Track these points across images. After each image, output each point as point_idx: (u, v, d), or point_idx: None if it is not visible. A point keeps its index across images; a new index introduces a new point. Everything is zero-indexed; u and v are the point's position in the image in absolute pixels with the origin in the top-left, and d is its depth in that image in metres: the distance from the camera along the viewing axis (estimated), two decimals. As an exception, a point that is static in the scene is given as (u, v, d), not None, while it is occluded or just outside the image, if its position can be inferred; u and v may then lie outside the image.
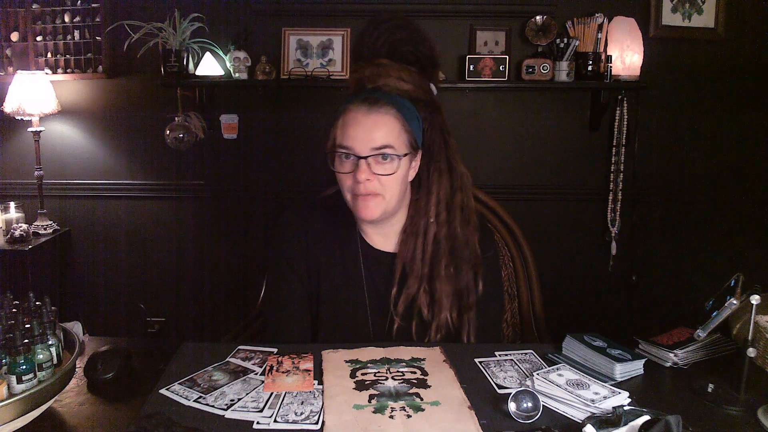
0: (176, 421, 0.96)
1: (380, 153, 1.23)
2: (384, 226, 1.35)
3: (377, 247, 1.37)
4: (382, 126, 1.24)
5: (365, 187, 1.24)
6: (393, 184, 1.26)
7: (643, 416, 0.93)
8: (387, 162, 1.24)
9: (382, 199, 1.26)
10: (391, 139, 1.24)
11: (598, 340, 1.20)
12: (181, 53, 2.53)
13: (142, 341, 1.97)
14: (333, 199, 1.40)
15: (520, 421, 0.98)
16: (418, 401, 1.03)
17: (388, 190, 1.26)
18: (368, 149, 1.22)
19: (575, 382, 1.08)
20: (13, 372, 0.92)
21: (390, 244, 1.36)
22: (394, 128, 1.25)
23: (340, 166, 1.26)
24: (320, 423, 0.97)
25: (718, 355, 1.23)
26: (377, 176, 1.24)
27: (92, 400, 1.06)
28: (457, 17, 2.68)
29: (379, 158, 1.23)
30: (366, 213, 1.26)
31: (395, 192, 1.27)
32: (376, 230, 1.36)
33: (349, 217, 1.36)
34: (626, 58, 2.57)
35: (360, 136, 1.23)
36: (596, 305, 2.82)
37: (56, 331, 1.05)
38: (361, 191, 1.24)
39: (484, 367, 1.18)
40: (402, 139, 1.25)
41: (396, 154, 1.24)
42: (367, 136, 1.23)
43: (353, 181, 1.24)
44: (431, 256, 1.31)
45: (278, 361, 1.18)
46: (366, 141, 1.23)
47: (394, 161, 1.24)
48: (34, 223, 2.66)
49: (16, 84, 2.50)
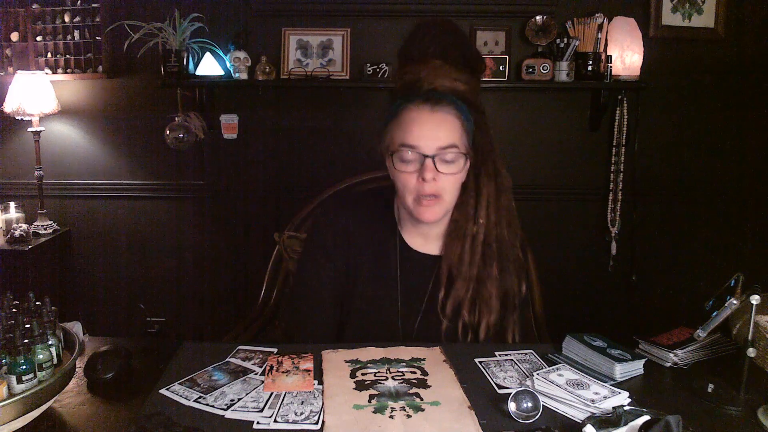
0: (176, 421, 0.96)
1: (447, 151, 1.22)
2: (430, 227, 1.34)
3: (416, 249, 1.36)
4: (446, 125, 1.24)
5: (431, 186, 1.23)
6: (453, 185, 1.26)
7: (643, 416, 0.93)
8: (451, 162, 1.24)
9: (443, 200, 1.26)
10: (456, 138, 1.24)
11: (598, 340, 1.20)
12: (181, 53, 2.53)
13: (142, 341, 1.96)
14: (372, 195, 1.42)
15: (520, 421, 0.98)
16: (418, 401, 1.03)
17: (448, 191, 1.26)
18: (435, 148, 1.22)
19: (575, 382, 1.08)
20: (13, 372, 0.92)
21: (430, 246, 1.36)
22: (456, 128, 1.25)
23: (404, 166, 1.24)
24: (320, 423, 0.97)
25: (718, 355, 1.23)
26: (442, 176, 1.23)
27: (92, 400, 1.06)
28: (457, 17, 2.67)
29: (445, 158, 1.23)
30: (428, 215, 1.26)
31: (454, 194, 1.28)
32: (417, 232, 1.36)
33: (389, 216, 1.37)
34: (626, 58, 2.57)
35: (426, 135, 1.22)
36: (596, 305, 2.82)
37: (56, 331, 1.05)
38: (427, 191, 1.23)
39: (484, 367, 1.18)
40: (463, 139, 1.26)
41: (462, 153, 1.24)
42: (433, 135, 1.22)
43: (418, 181, 1.23)
44: (480, 258, 1.31)
45: (278, 361, 1.18)
46: (432, 139, 1.22)
47: (458, 161, 1.24)
48: (34, 223, 2.66)
49: (16, 84, 2.50)
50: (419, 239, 1.36)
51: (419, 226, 1.34)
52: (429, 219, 1.27)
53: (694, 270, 2.73)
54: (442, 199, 1.25)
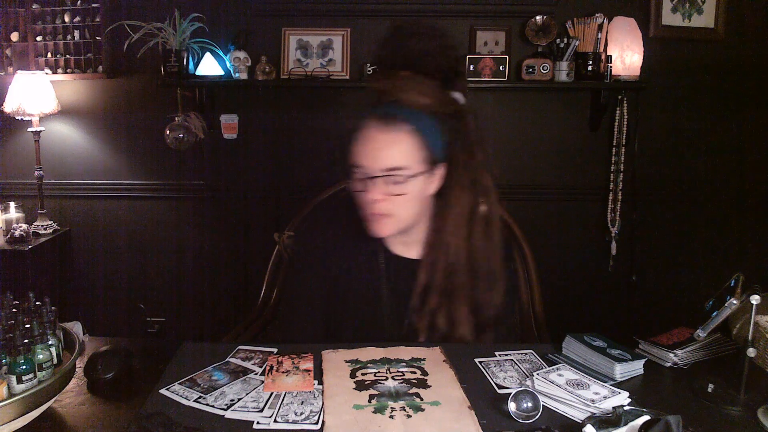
0: (176, 421, 0.96)
1: (391, 174, 1.21)
2: (407, 234, 1.33)
3: (400, 254, 1.36)
4: (395, 145, 1.21)
5: (377, 206, 1.23)
6: (406, 204, 1.24)
7: (643, 416, 0.93)
8: (399, 183, 1.22)
9: (395, 218, 1.25)
10: (404, 159, 1.21)
11: (598, 340, 1.20)
12: (181, 53, 2.53)
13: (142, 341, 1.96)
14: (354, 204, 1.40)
15: (520, 421, 0.98)
16: (418, 401, 1.03)
17: (401, 210, 1.24)
18: (379, 169, 1.21)
19: (575, 382, 1.08)
20: (13, 372, 0.92)
21: (412, 251, 1.35)
22: (408, 146, 1.22)
23: (356, 184, 1.25)
24: (320, 423, 0.97)
25: (718, 355, 1.23)
26: (388, 196, 1.22)
27: (92, 400, 1.06)
28: (457, 17, 2.68)
29: (392, 179, 1.21)
30: (379, 230, 1.26)
31: (409, 212, 1.26)
32: (399, 237, 1.35)
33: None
34: (626, 58, 2.57)
35: (372, 155, 1.21)
36: (596, 305, 2.82)
37: (56, 331, 1.05)
38: (373, 210, 1.24)
39: (484, 367, 1.18)
40: (417, 157, 1.22)
41: (408, 175, 1.21)
42: (378, 156, 1.21)
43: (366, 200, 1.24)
44: (450, 271, 1.29)
45: (278, 361, 1.18)
46: (377, 160, 1.21)
47: (406, 182, 1.22)
48: (34, 223, 2.66)
49: (16, 84, 2.50)
50: (401, 245, 1.36)
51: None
52: (381, 234, 1.26)
53: (694, 270, 2.73)
54: (394, 217, 1.24)
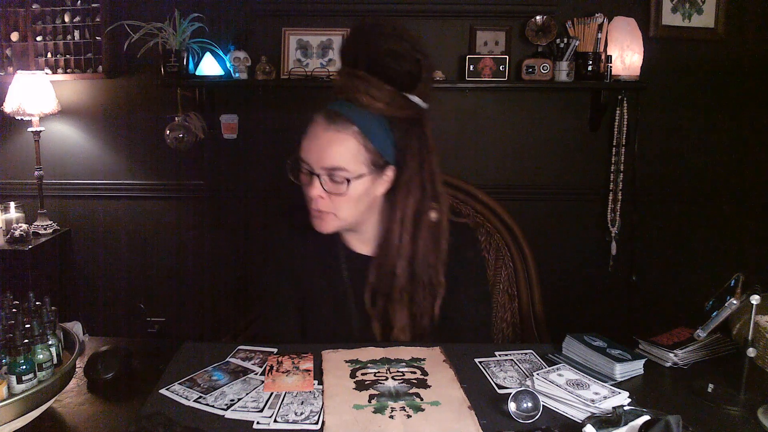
0: (176, 421, 0.96)
1: (331, 173, 1.20)
2: (359, 232, 1.33)
3: (358, 251, 1.36)
4: (336, 145, 1.20)
5: (318, 203, 1.22)
6: (346, 204, 1.23)
7: (643, 416, 0.93)
8: (339, 183, 1.21)
9: (335, 217, 1.24)
10: (345, 160, 1.19)
11: (598, 340, 1.20)
12: (181, 53, 2.53)
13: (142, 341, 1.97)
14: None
15: (520, 421, 0.98)
16: (418, 401, 1.03)
17: (342, 209, 1.23)
18: (319, 167, 1.20)
19: (575, 382, 1.08)
20: (13, 372, 0.92)
21: (369, 248, 1.35)
22: (350, 148, 1.20)
23: (300, 177, 1.25)
24: (320, 423, 0.97)
25: (718, 355, 1.24)
26: (328, 194, 1.22)
27: (92, 400, 1.06)
28: (457, 17, 2.68)
29: (332, 178, 1.21)
30: (320, 226, 1.26)
31: (350, 211, 1.25)
32: (352, 236, 1.35)
33: None
34: (626, 58, 2.57)
35: (314, 152, 1.21)
36: (596, 305, 2.82)
37: (56, 331, 1.05)
38: (314, 206, 1.24)
39: (484, 367, 1.18)
40: (359, 159, 1.20)
41: (347, 177, 1.20)
42: (320, 154, 1.20)
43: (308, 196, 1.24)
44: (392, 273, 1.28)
45: (278, 361, 1.18)
46: (319, 158, 1.20)
47: (344, 183, 1.20)
48: (34, 223, 2.66)
49: (16, 84, 2.50)
50: (357, 242, 1.36)
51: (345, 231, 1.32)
52: (321, 230, 1.26)
53: (694, 270, 2.73)
54: (334, 216, 1.24)
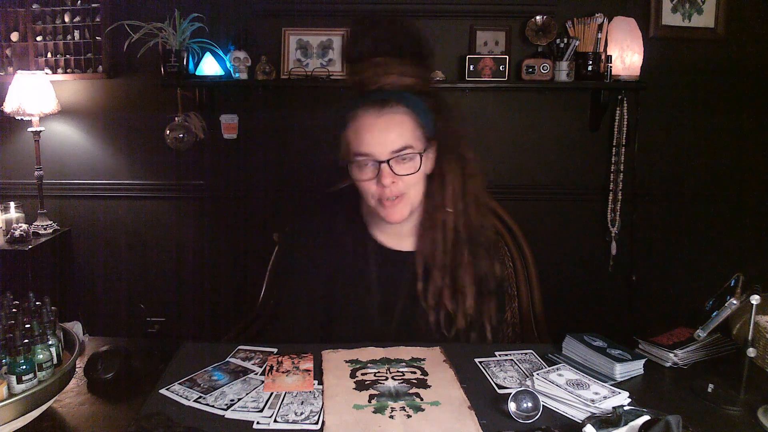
0: (176, 421, 0.96)
1: (400, 154, 1.22)
2: (401, 225, 1.33)
3: (390, 247, 1.37)
4: (396, 127, 1.23)
5: (391, 190, 1.23)
6: (414, 183, 1.26)
7: (643, 416, 0.93)
8: (408, 162, 1.23)
9: (407, 198, 1.26)
10: (408, 138, 1.23)
11: (598, 340, 1.20)
12: (181, 53, 2.53)
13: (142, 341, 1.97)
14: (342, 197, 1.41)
15: (520, 421, 0.98)
16: (418, 401, 1.03)
17: (411, 188, 1.26)
18: (388, 152, 1.22)
19: (575, 382, 1.08)
20: (13, 372, 0.92)
21: (403, 243, 1.36)
22: (408, 127, 1.24)
23: (361, 174, 1.24)
24: (320, 423, 0.97)
25: (718, 355, 1.24)
26: (400, 177, 1.23)
27: (92, 400, 1.06)
28: (457, 17, 2.68)
29: (399, 159, 1.23)
30: (394, 216, 1.26)
31: (419, 189, 1.28)
32: (391, 230, 1.36)
33: (359, 217, 1.37)
34: (626, 58, 2.57)
35: (377, 141, 1.22)
36: (596, 305, 2.82)
37: (56, 331, 1.05)
38: (388, 195, 1.23)
39: (484, 367, 1.18)
40: (417, 136, 1.25)
41: (417, 152, 1.24)
42: (384, 140, 1.22)
43: (378, 187, 1.23)
44: (452, 246, 1.31)
45: (278, 361, 1.18)
46: (384, 145, 1.22)
47: (414, 159, 1.24)
48: (34, 223, 2.66)
49: (16, 84, 2.50)
50: (394, 238, 1.37)
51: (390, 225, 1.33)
52: (396, 220, 1.27)
53: (694, 270, 2.73)
54: (406, 197, 1.26)
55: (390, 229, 1.36)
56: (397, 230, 1.35)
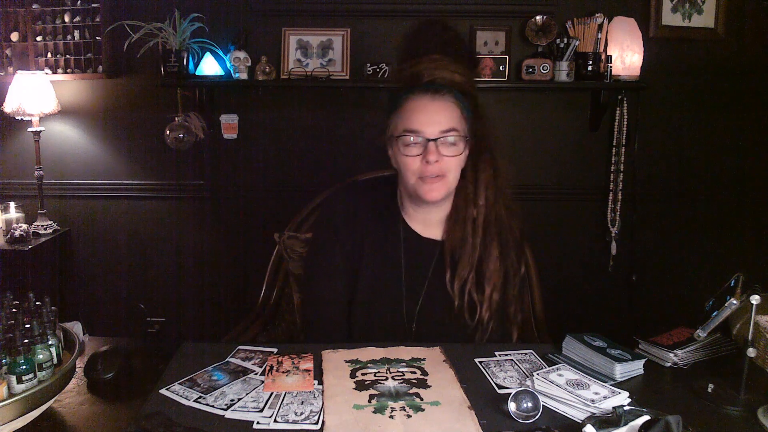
0: (176, 421, 0.96)
1: (448, 135, 1.30)
2: (430, 212, 1.40)
3: (419, 233, 1.42)
4: (446, 111, 1.32)
5: (434, 168, 1.29)
6: (455, 166, 1.33)
7: (643, 416, 0.93)
8: (453, 144, 1.31)
9: (446, 180, 1.32)
10: (456, 123, 1.32)
11: (598, 340, 1.20)
12: (181, 53, 2.53)
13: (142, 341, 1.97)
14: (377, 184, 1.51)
15: (520, 421, 0.98)
16: (418, 401, 1.03)
17: (451, 171, 1.33)
18: (437, 131, 1.29)
19: (575, 382, 1.08)
20: (13, 372, 0.92)
21: (432, 231, 1.42)
22: (456, 114, 1.33)
23: (408, 150, 1.31)
24: (320, 423, 0.97)
25: (718, 355, 1.24)
26: (444, 158, 1.30)
27: (92, 400, 1.06)
28: (457, 17, 2.68)
29: (446, 141, 1.30)
30: (432, 194, 1.32)
31: (456, 174, 1.34)
32: (421, 217, 1.42)
33: (392, 203, 1.44)
34: (626, 58, 2.57)
35: (428, 120, 1.30)
36: (596, 305, 2.82)
37: (56, 331, 1.05)
38: (431, 172, 1.30)
39: (484, 367, 1.18)
40: (462, 124, 1.33)
41: (462, 136, 1.32)
42: (435, 120, 1.30)
43: (422, 164, 1.30)
44: (481, 239, 1.36)
45: (278, 361, 1.18)
46: (434, 124, 1.30)
47: (459, 144, 1.32)
48: (34, 223, 2.66)
49: (16, 84, 2.50)
50: (421, 225, 1.42)
51: (421, 211, 1.40)
52: (433, 198, 1.33)
53: (694, 270, 2.73)
54: (445, 179, 1.32)
55: (420, 217, 1.41)
56: (427, 218, 1.41)
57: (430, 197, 1.32)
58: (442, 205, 1.39)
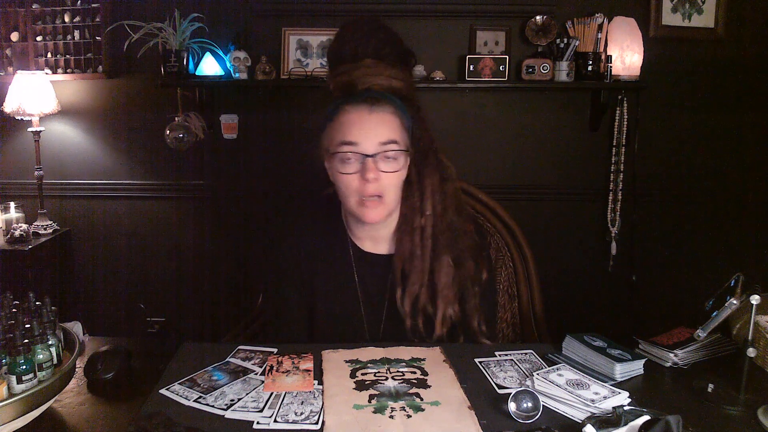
0: (176, 421, 0.96)
1: (388, 148, 1.22)
2: (377, 229, 1.33)
3: (368, 251, 1.36)
4: (387, 122, 1.24)
5: (373, 187, 1.22)
6: (395, 184, 1.26)
7: (643, 416, 0.93)
8: (392, 160, 1.23)
9: (385, 201, 1.25)
10: (396, 134, 1.24)
11: (598, 340, 1.20)
12: (181, 53, 2.53)
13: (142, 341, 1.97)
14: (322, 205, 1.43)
15: (520, 421, 0.98)
16: (418, 401, 1.03)
17: (391, 191, 1.25)
18: (376, 145, 1.21)
19: (575, 382, 1.08)
20: (13, 372, 0.92)
21: (381, 247, 1.36)
22: (396, 125, 1.25)
23: (345, 167, 1.23)
24: (320, 423, 0.97)
25: (718, 355, 1.24)
26: (383, 174, 1.22)
27: (92, 400, 1.06)
28: (457, 17, 2.68)
29: (386, 155, 1.22)
30: (371, 216, 1.25)
31: (397, 193, 1.28)
32: (367, 234, 1.36)
33: (339, 223, 1.37)
34: (626, 58, 2.57)
35: (365, 134, 1.22)
36: (596, 305, 2.82)
37: (56, 331, 1.05)
38: (369, 191, 1.22)
39: (484, 367, 1.18)
40: (403, 136, 1.26)
41: (401, 150, 1.24)
42: (373, 133, 1.22)
43: (360, 182, 1.23)
44: (430, 249, 1.30)
45: (278, 361, 1.18)
46: (373, 137, 1.22)
47: (398, 159, 1.24)
48: (34, 223, 2.66)
49: (16, 84, 2.50)
50: (370, 242, 1.36)
51: (366, 229, 1.34)
52: (373, 220, 1.26)
53: (694, 270, 2.73)
54: (384, 200, 1.25)
55: (368, 233, 1.35)
56: (374, 234, 1.35)
57: (369, 219, 1.25)
58: (387, 221, 1.32)
